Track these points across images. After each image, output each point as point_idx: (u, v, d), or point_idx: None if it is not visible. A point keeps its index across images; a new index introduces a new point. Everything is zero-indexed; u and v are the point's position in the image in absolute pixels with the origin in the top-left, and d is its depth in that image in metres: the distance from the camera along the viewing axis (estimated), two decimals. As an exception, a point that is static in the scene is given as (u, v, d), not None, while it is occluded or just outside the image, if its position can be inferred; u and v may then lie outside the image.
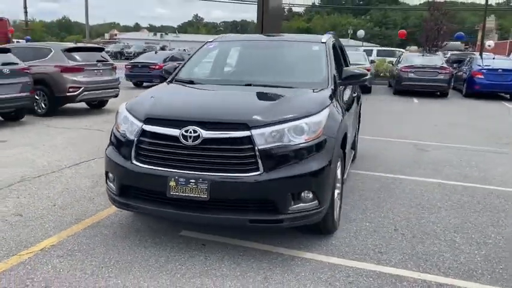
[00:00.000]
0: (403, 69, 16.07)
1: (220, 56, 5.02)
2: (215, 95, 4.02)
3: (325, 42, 4.70)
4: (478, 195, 5.10)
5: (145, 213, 3.55)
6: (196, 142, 3.15)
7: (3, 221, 4.00)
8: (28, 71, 9.24)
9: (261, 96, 3.83)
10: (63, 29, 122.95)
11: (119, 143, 3.50)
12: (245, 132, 3.11)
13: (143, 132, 3.34)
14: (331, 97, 3.84)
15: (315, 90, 3.94)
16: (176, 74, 4.62)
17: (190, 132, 3.16)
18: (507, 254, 3.56)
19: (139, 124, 3.36)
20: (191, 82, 4.38)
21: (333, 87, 4.11)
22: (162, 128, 3.26)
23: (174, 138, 3.20)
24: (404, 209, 4.54)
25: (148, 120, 3.35)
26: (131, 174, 3.34)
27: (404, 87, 15.96)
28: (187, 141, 3.16)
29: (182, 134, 3.18)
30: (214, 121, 3.21)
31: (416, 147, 7.69)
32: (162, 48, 44.03)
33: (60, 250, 3.44)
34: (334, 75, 4.29)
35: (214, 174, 3.13)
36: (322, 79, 4.19)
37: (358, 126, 6.72)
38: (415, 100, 15.36)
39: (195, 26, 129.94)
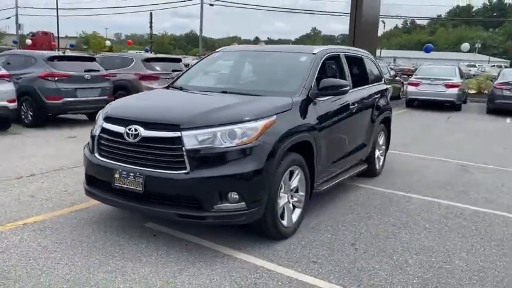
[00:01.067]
0: (497, 86, 14.70)
1: (215, 65, 5.36)
2: (176, 99, 4.35)
3: (315, 53, 4.76)
4: (483, 221, 4.69)
5: (102, 202, 3.99)
6: (136, 140, 3.52)
7: (16, 200, 4.77)
8: (108, 77, 10.48)
9: (212, 101, 4.08)
10: (190, 42, 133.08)
11: (91, 139, 4.01)
12: (176, 133, 3.40)
13: (102, 129, 3.81)
14: (290, 105, 3.93)
15: (273, 99, 4.05)
16: (175, 80, 5.06)
17: (132, 131, 3.54)
18: (453, 282, 3.32)
19: (101, 122, 3.84)
20: (180, 88, 4.77)
21: (304, 97, 4.19)
22: (113, 126, 3.70)
23: (120, 135, 3.61)
24: (382, 226, 4.39)
25: (107, 119, 3.81)
26: (92, 165, 3.83)
27: (497, 105, 14.58)
28: (129, 138, 3.55)
29: (126, 132, 3.57)
30: (152, 121, 3.55)
31: (462, 167, 7.15)
32: None
33: (37, 226, 4.04)
34: (312, 86, 4.35)
35: (149, 169, 3.47)
36: (294, 88, 4.29)
37: (388, 142, 6.61)
38: (508, 120, 13.95)
39: (312, 38, 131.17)
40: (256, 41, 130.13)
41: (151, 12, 51.78)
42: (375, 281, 3.26)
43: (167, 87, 4.98)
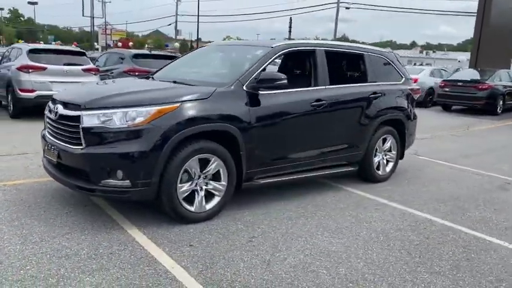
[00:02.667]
0: None
1: (196, 58, 5.67)
2: (117, 86, 4.74)
3: (273, 47, 4.75)
4: (438, 236, 4.16)
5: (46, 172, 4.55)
6: (56, 117, 4.06)
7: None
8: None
9: (135, 87, 4.41)
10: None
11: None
12: (77, 112, 3.84)
13: (48, 108, 4.44)
14: (207, 95, 4.07)
15: (193, 88, 4.23)
16: (158, 70, 5.53)
17: (56, 109, 4.09)
18: None
19: (49, 102, 4.48)
20: (148, 78, 5.23)
21: (235, 88, 4.28)
22: (51, 105, 4.29)
23: (50, 112, 4.19)
24: (295, 230, 4.21)
25: (52, 100, 4.43)
26: (41, 140, 4.49)
27: None
28: (53, 115, 4.11)
29: (53, 110, 4.14)
30: (67, 102, 4.03)
31: (504, 184, 6.21)
32: (414, 64, 43.49)
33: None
34: (251, 78, 4.39)
35: (60, 143, 3.98)
36: (228, 80, 4.39)
37: (401, 148, 6.17)
38: None
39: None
40: (414, 45, 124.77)
41: (291, 18, 53.25)
42: (227, 276, 3.23)
43: (147, 77, 5.44)
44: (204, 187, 4.12)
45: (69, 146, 3.87)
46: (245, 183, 4.46)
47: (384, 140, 5.89)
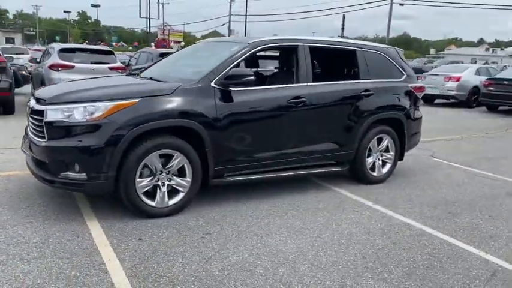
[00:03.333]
0: None
1: (177, 55, 5.73)
2: (94, 83, 4.83)
3: (249, 44, 4.71)
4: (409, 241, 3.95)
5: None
6: (29, 111, 4.26)
7: None
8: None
9: (103, 83, 4.52)
10: (402, 44, 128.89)
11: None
12: (42, 107, 4.00)
13: (29, 103, 4.67)
14: (169, 91, 4.11)
15: (156, 84, 4.29)
16: (147, 68, 5.65)
17: (30, 104, 4.29)
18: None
19: None
20: (131, 74, 5.36)
21: (202, 85, 4.29)
22: (30, 100, 4.51)
23: (28, 108, 4.40)
24: (255, 229, 4.14)
25: (32, 95, 4.65)
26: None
27: None
28: (28, 110, 4.31)
29: (29, 105, 4.35)
30: (38, 97, 4.21)
31: (506, 189, 5.78)
32: (475, 62, 41.46)
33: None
34: (221, 74, 4.39)
35: (31, 136, 4.17)
36: (196, 76, 4.40)
37: (400, 148, 5.86)
38: None
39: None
40: (481, 42, 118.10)
41: (343, 15, 52.32)
42: (158, 271, 3.25)
43: (134, 75, 5.57)
44: (166, 183, 4.15)
45: (36, 138, 4.04)
46: (214, 180, 4.45)
47: (380, 140, 5.64)
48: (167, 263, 3.30)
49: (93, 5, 75.36)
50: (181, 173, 4.23)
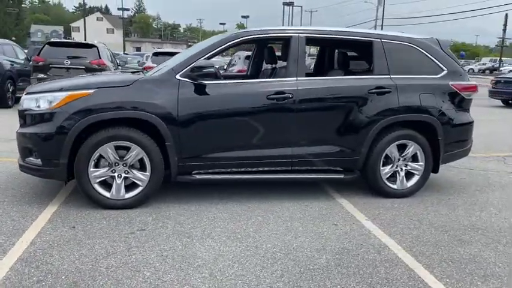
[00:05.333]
0: None
1: (187, 49, 5.66)
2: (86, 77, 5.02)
3: (230, 35, 4.47)
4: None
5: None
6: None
7: None
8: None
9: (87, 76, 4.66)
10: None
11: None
12: (23, 96, 4.31)
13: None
14: (127, 82, 4.12)
15: (117, 75, 4.31)
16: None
17: None
18: None
19: None
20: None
21: (165, 77, 4.23)
22: None
23: None
24: (192, 231, 3.85)
25: None
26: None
27: None
28: None
29: None
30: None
31: None
32: None
33: None
34: (190, 67, 4.25)
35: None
36: (165, 70, 4.34)
37: (432, 158, 4.90)
38: None
39: None
40: None
41: (506, 14, 46.34)
42: (50, 259, 3.24)
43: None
44: (123, 175, 4.12)
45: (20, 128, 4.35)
46: (180, 177, 4.28)
47: (402, 147, 4.80)
48: (69, 252, 3.25)
49: (243, 16, 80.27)
50: (141, 166, 4.14)
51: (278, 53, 5.22)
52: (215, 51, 4.34)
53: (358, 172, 4.75)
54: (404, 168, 4.85)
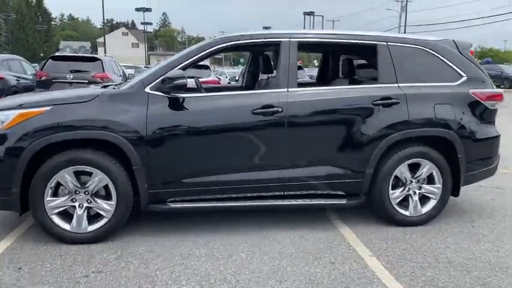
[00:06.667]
0: None
1: None
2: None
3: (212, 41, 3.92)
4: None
5: None
6: None
7: None
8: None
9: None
10: None
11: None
12: None
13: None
14: (88, 97, 3.60)
15: (80, 92, 3.81)
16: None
17: None
18: None
19: None
20: None
21: (131, 91, 3.71)
22: None
23: None
24: (153, 272, 3.26)
25: None
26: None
27: None
28: None
29: None
30: None
31: None
32: None
33: None
34: (160, 78, 3.71)
35: None
36: (133, 82, 3.82)
37: (453, 179, 4.19)
38: None
39: None
40: None
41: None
42: None
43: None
44: (85, 205, 3.57)
45: None
46: (152, 206, 3.71)
47: (415, 166, 4.11)
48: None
49: (264, 27, 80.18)
50: (107, 194, 3.60)
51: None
52: (192, 59, 3.78)
53: (363, 196, 4.07)
54: (418, 191, 4.16)
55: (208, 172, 3.73)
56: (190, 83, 4.32)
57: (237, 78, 13.82)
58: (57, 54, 11.34)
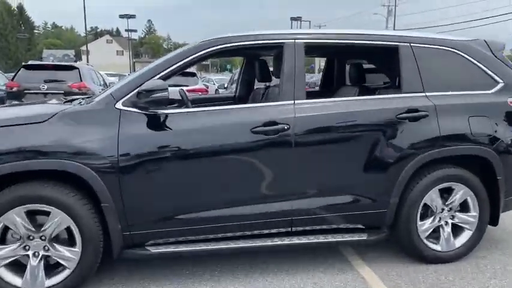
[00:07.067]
0: None
1: None
2: None
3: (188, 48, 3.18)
4: None
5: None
6: None
7: None
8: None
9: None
10: None
11: None
12: None
13: None
14: (42, 117, 2.84)
15: (35, 110, 3.06)
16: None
17: None
18: None
19: None
20: None
21: (98, 107, 2.94)
22: None
23: None
24: None
25: None
26: None
27: None
28: None
29: None
30: None
31: None
32: None
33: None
34: (133, 92, 2.96)
35: None
36: (101, 97, 3.06)
37: (491, 206, 3.49)
38: None
39: None
40: None
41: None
42: None
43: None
44: (41, 253, 2.79)
45: None
46: (127, 251, 2.94)
47: (447, 192, 3.41)
48: None
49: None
50: (70, 239, 2.82)
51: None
52: (174, 67, 3.05)
53: (386, 230, 3.36)
54: (450, 221, 3.46)
55: (197, 207, 3.00)
56: (174, 94, 3.61)
57: (225, 86, 13.07)
58: (30, 62, 10.48)
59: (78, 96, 3.90)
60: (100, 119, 2.84)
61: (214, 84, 21.91)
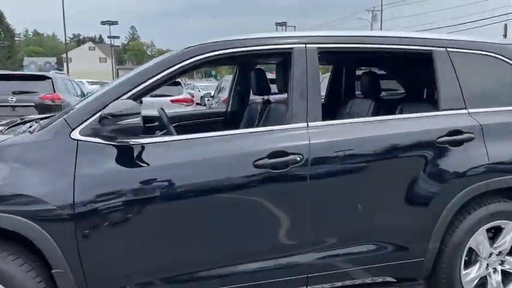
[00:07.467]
0: None
1: None
2: None
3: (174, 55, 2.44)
4: None
5: None
6: None
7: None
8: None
9: None
10: None
11: None
12: None
13: None
14: None
15: None
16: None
17: None
18: None
19: None
20: None
21: (46, 137, 2.19)
22: None
23: None
24: None
25: None
26: None
27: None
28: None
29: None
30: None
31: None
32: None
33: None
34: (95, 116, 2.21)
35: None
36: (53, 124, 2.29)
37: None
38: None
39: None
40: None
41: None
42: None
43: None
44: None
45: None
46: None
47: (496, 233, 2.73)
48: None
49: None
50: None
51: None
52: (151, 81, 2.31)
53: (423, 282, 2.65)
54: (499, 267, 2.78)
55: (184, 266, 2.26)
56: (153, 107, 2.93)
57: (212, 94, 12.31)
58: None
59: (32, 117, 3.11)
60: (50, 153, 2.10)
61: (199, 91, 21.16)
